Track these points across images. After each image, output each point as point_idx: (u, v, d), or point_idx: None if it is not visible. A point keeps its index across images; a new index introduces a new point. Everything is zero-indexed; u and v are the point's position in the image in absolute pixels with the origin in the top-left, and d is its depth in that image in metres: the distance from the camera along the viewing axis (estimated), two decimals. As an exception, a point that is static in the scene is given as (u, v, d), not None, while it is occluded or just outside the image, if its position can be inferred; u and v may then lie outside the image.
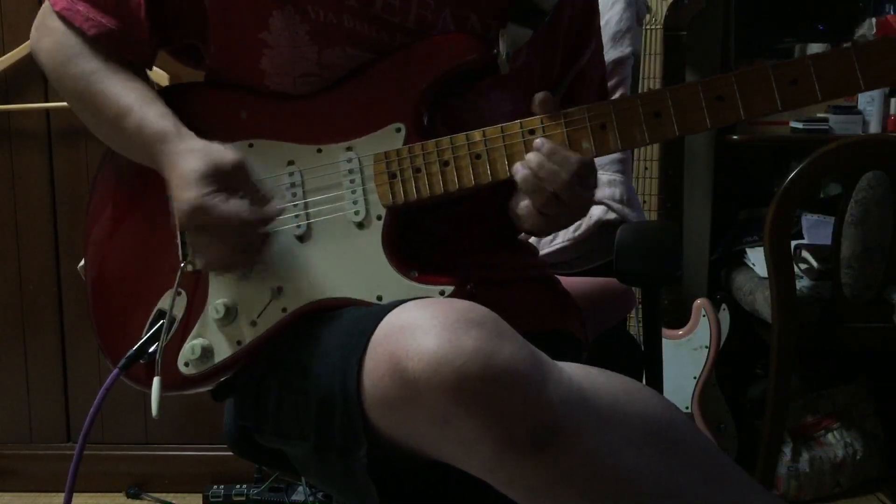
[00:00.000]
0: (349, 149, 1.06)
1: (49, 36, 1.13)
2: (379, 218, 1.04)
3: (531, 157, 1.00)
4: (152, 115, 1.06)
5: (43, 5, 1.15)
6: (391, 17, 1.07)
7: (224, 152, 1.02)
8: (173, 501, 2.42)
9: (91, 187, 1.20)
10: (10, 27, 2.32)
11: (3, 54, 2.29)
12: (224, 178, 1.01)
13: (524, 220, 1.04)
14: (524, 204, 1.03)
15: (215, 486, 2.35)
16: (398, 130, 1.04)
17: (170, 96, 1.11)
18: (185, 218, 1.00)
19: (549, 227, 1.05)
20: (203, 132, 1.07)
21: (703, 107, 0.97)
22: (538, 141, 1.01)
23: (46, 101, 2.34)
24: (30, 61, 2.26)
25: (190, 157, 1.02)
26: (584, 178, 1.01)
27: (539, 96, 1.02)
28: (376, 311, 0.92)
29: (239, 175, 1.02)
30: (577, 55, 1.21)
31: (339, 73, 1.07)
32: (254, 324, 1.06)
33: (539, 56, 1.16)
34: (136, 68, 1.14)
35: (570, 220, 1.08)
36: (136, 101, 1.07)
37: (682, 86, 0.98)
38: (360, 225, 1.05)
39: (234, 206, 0.99)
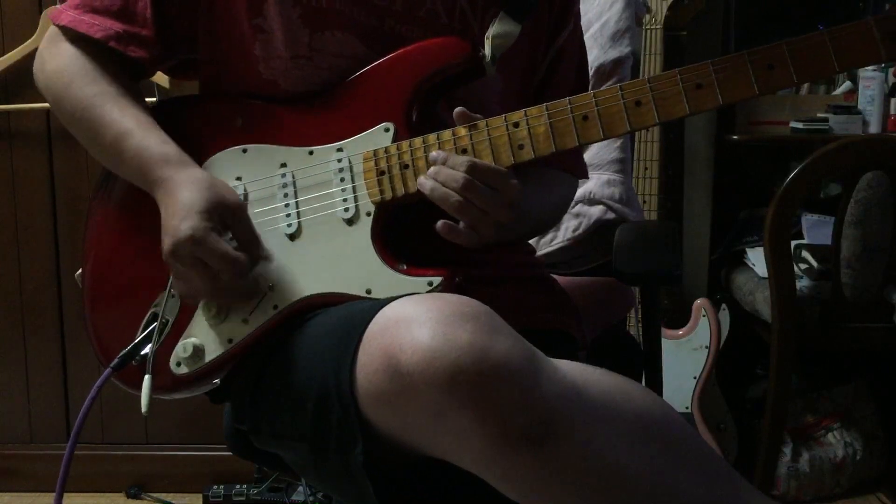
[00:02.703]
0: (340, 149, 1.08)
1: (55, 59, 1.15)
2: (368, 214, 1.05)
3: (431, 168, 1.02)
4: (153, 140, 1.08)
5: (49, 30, 1.17)
6: (379, 0, 1.09)
7: (228, 190, 1.04)
8: (173, 501, 2.42)
9: (91, 195, 1.20)
10: (10, 27, 2.33)
11: (3, 54, 2.29)
12: (223, 215, 1.02)
13: (449, 235, 1.02)
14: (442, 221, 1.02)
15: (215, 486, 2.35)
16: (387, 130, 1.06)
17: (165, 108, 1.13)
18: (177, 245, 1.00)
19: (477, 237, 1.02)
20: (198, 140, 1.09)
21: (682, 94, 0.99)
22: (433, 154, 1.02)
23: (46, 101, 2.33)
24: (30, 61, 2.26)
25: (193, 188, 1.02)
26: (483, 180, 0.99)
27: (457, 111, 1.03)
28: (369, 307, 0.92)
29: (237, 215, 1.03)
30: (556, 34, 1.24)
31: (329, 58, 1.09)
32: (245, 321, 1.06)
33: (527, 35, 1.17)
34: (137, 80, 1.15)
35: (496, 230, 1.03)
36: (137, 126, 1.09)
37: (661, 75, 1.01)
38: (350, 221, 1.06)
39: (225, 246, 1.00)
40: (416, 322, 0.85)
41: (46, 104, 2.27)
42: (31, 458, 2.46)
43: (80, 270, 1.19)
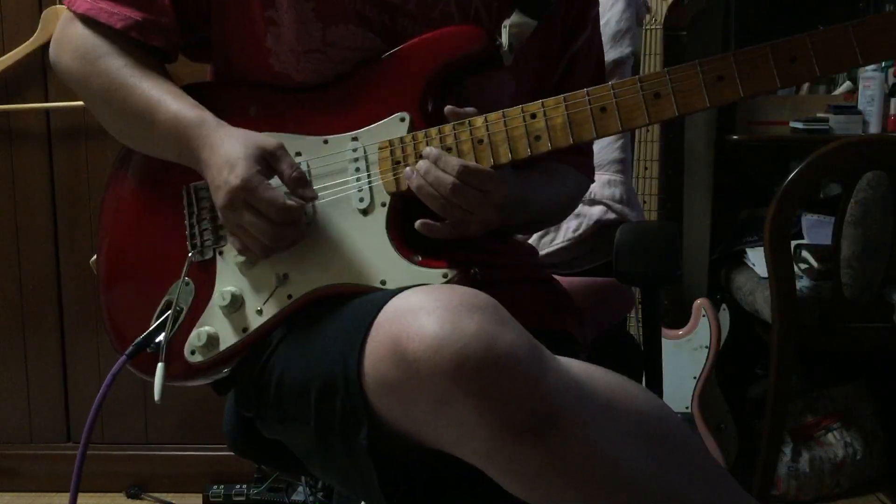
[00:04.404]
0: (355, 139, 1.07)
1: (71, 42, 1.14)
2: (383, 205, 1.05)
3: (421, 163, 1.02)
4: (186, 104, 1.08)
5: (62, 16, 1.17)
6: None
7: (266, 137, 1.04)
8: (173, 501, 2.42)
9: (106, 181, 1.21)
10: (10, 27, 2.33)
11: (3, 54, 2.29)
12: (267, 158, 1.02)
13: (430, 233, 1.03)
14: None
15: (215, 486, 2.35)
16: (402, 120, 1.06)
17: None
18: (232, 195, 1.00)
19: (458, 232, 1.04)
20: None
21: (703, 86, 0.98)
22: (426, 150, 1.03)
23: (46, 101, 2.34)
24: (30, 61, 2.27)
25: (233, 140, 1.03)
26: (474, 184, 1.00)
27: (447, 109, 1.04)
28: (379, 297, 0.93)
29: (279, 155, 1.03)
30: (572, 38, 1.23)
31: (343, 51, 1.08)
32: (260, 311, 1.07)
33: (538, 35, 1.16)
34: (161, 65, 1.15)
35: (480, 227, 1.05)
36: (168, 94, 1.09)
37: (681, 66, 0.99)
38: (365, 212, 1.06)
39: (275, 194, 1.00)
40: (425, 311, 0.85)
41: (46, 104, 2.31)
42: (31, 458, 2.47)
43: (95, 256, 1.20)
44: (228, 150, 1.02)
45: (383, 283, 1.03)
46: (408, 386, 0.85)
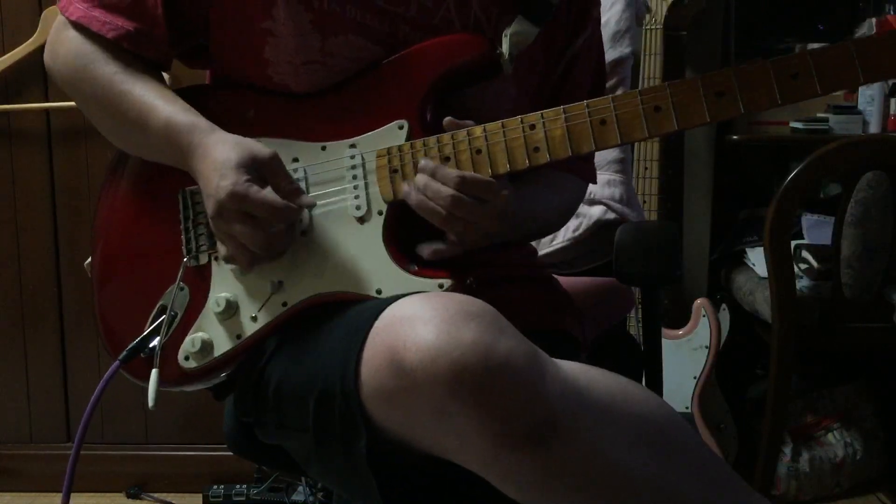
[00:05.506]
0: (353, 146, 1.07)
1: (65, 45, 1.14)
2: (380, 213, 1.05)
3: (418, 178, 1.01)
4: (178, 109, 1.07)
5: (56, 20, 1.16)
6: (394, 7, 1.08)
7: (259, 145, 1.03)
8: (173, 501, 2.42)
9: (102, 183, 1.20)
10: (10, 27, 2.33)
11: (3, 54, 2.29)
12: (259, 169, 1.01)
13: (434, 256, 1.03)
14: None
15: (215, 486, 2.35)
16: (401, 127, 1.06)
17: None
18: (220, 205, 1.00)
19: (463, 245, 1.03)
20: None
21: (703, 101, 0.97)
22: (422, 162, 1.02)
23: (46, 101, 2.34)
24: (30, 61, 2.27)
25: (225, 147, 1.02)
26: (473, 194, 1.00)
27: (446, 121, 1.03)
28: (376, 305, 0.93)
29: (273, 166, 1.02)
30: (573, 39, 1.22)
31: (343, 62, 1.08)
32: (254, 318, 1.07)
33: (540, 40, 1.16)
34: (155, 70, 1.15)
35: (483, 238, 1.05)
36: (161, 99, 1.09)
37: (681, 81, 0.99)
38: (362, 219, 1.06)
39: (270, 195, 1.00)
40: (421, 320, 0.85)
41: (46, 104, 2.31)
42: (31, 458, 2.46)
43: (90, 259, 1.19)
44: (219, 157, 1.01)
45: (379, 292, 1.02)
46: (405, 395, 0.85)
